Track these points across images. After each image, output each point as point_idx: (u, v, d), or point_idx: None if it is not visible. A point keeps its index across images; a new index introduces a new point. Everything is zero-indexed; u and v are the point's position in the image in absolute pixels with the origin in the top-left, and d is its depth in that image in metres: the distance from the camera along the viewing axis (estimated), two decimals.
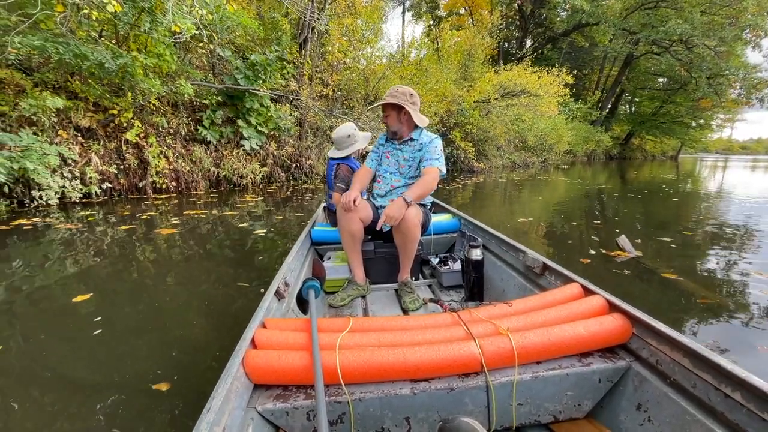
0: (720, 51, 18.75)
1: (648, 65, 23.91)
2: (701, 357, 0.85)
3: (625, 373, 1.04)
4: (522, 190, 8.02)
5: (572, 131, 18.82)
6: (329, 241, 2.32)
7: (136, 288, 2.38)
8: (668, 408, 0.91)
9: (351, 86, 9.59)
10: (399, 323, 1.17)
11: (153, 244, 3.39)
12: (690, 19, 17.53)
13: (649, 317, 1.02)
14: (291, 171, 8.13)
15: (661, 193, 7.43)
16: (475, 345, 1.00)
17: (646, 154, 30.69)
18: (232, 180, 7.05)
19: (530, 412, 1.01)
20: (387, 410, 0.95)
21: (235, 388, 0.85)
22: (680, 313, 2.07)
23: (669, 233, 3.89)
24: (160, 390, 1.37)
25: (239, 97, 7.11)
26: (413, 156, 1.97)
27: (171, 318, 1.98)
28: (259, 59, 6.85)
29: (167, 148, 6.27)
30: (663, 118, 26.07)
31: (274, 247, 3.35)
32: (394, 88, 1.92)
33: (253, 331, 1.03)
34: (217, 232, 3.86)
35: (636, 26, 19.84)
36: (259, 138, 7.43)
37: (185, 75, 6.28)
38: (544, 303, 1.23)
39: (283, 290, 1.37)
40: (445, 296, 1.97)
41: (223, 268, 2.75)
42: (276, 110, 7.52)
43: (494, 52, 21.80)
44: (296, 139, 8.22)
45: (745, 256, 3.10)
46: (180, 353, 1.62)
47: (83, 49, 4.49)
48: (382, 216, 1.64)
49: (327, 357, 0.95)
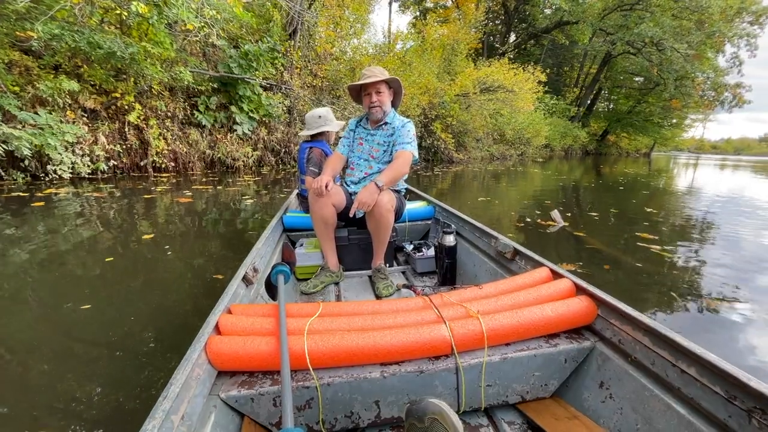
0: (688, 54, 20.28)
1: (625, 64, 25.39)
2: (660, 335, 0.89)
3: (590, 352, 1.08)
4: (498, 180, 9.03)
5: (550, 126, 20.04)
6: (302, 228, 2.34)
7: (183, 230, 3.17)
8: (628, 385, 0.96)
9: (338, 77, 10.31)
10: (370, 308, 1.19)
11: (179, 206, 4.14)
12: (661, 23, 18.95)
13: (613, 299, 1.07)
14: (280, 156, 8.85)
15: (621, 186, 8.58)
16: (445, 328, 1.02)
17: (621, 151, 32.59)
18: (226, 162, 7.73)
19: (498, 393, 1.05)
20: (356, 394, 0.96)
21: (196, 375, 0.85)
22: (572, 251, 3.05)
23: (598, 212, 4.93)
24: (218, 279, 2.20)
25: (232, 84, 7.75)
26: (386, 140, 1.96)
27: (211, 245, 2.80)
28: (252, 49, 7.50)
29: (166, 131, 6.90)
30: (637, 116, 27.79)
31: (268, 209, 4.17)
32: (369, 70, 1.89)
33: (218, 317, 1.03)
34: (230, 199, 4.63)
35: (613, 27, 21.16)
36: (251, 123, 8.11)
37: (183, 62, 6.88)
38: (514, 286, 1.27)
39: (252, 276, 1.37)
40: (418, 282, 2.03)
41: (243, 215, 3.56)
42: (267, 98, 8.19)
43: (479, 45, 22.77)
44: (286, 125, 8.92)
45: (639, 227, 4.14)
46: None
47: (97, 38, 5.09)
48: (354, 202, 1.64)
49: (295, 342, 0.95)
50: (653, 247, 3.26)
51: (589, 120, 28.07)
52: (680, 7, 19.06)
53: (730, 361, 0.78)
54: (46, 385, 1.35)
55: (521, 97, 12.78)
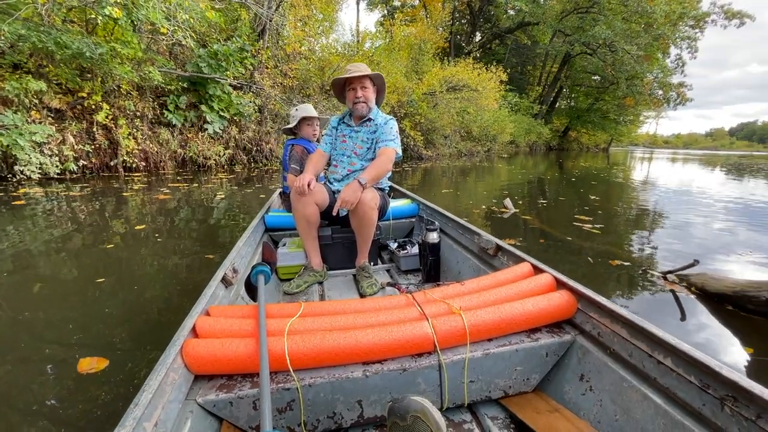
0: (638, 55, 21.98)
1: (583, 64, 27.05)
2: (637, 327, 0.91)
3: (571, 346, 1.10)
4: (466, 175, 9.66)
5: (515, 123, 21.15)
6: (285, 227, 2.34)
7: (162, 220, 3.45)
8: (607, 377, 0.98)
9: (308, 76, 10.60)
10: (352, 306, 1.19)
11: (159, 201, 4.37)
12: (613, 26, 20.46)
13: (592, 292, 1.09)
14: (252, 154, 9.05)
15: (574, 178, 9.44)
16: (428, 325, 1.02)
17: (581, 146, 34.64)
18: (198, 161, 7.87)
19: (481, 389, 1.06)
20: (338, 394, 0.96)
21: (171, 380, 0.84)
22: (517, 231, 3.61)
23: (548, 200, 5.59)
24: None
25: (202, 83, 7.89)
26: (370, 137, 1.97)
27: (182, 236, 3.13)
28: (222, 49, 7.68)
29: (135, 130, 6.98)
30: (595, 113, 29.70)
31: (245, 203, 4.50)
32: (354, 65, 1.90)
33: (194, 320, 1.02)
34: (210, 195, 4.89)
35: (570, 29, 22.57)
36: (222, 122, 8.27)
37: (151, 62, 6.98)
38: (496, 282, 1.29)
39: (231, 277, 1.36)
40: (403, 280, 2.04)
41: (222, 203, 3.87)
42: (237, 97, 8.38)
43: (446, 44, 23.61)
44: (257, 124, 9.13)
45: (580, 211, 4.81)
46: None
47: (65, 38, 5.17)
48: (337, 200, 1.65)
49: (275, 343, 0.94)
50: (585, 225, 3.90)
51: (551, 117, 29.70)
52: (629, 11, 20.63)
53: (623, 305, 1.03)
54: (5, 393, 1.31)
55: (485, 95, 13.58)
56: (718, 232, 3.78)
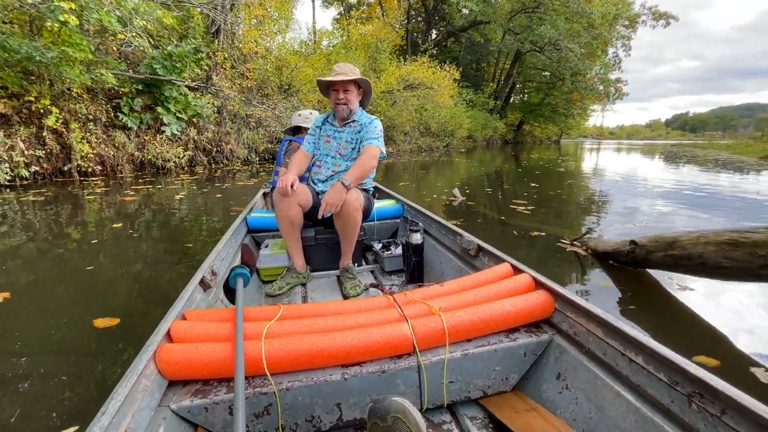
0: (581, 53, 23.79)
1: (533, 61, 28.78)
2: (611, 326, 0.95)
3: (548, 345, 1.14)
4: (427, 170, 10.28)
5: (471, 119, 22.23)
6: (268, 228, 2.33)
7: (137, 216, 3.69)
8: (583, 375, 1.02)
9: (265, 76, 10.76)
10: (332, 308, 1.20)
11: (125, 204, 4.53)
12: (557, 26, 22.06)
13: (569, 292, 1.12)
14: (212, 155, 9.13)
15: (520, 169, 10.35)
16: (407, 326, 1.04)
17: (535, 139, 36.82)
18: (157, 163, 7.88)
19: (461, 389, 1.08)
20: (317, 398, 0.96)
21: (143, 386, 0.83)
22: (461, 214, 4.19)
23: (492, 188, 6.30)
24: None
25: (157, 85, 7.89)
26: (354, 138, 1.99)
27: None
28: (177, 50, 7.73)
29: (89, 134, 6.91)
30: (546, 108, 31.72)
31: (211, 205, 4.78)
32: (339, 66, 1.92)
33: (169, 324, 1.01)
34: (170, 197, 5.08)
35: (519, 27, 23.99)
36: (179, 124, 8.31)
37: (103, 64, 6.93)
38: (476, 282, 1.31)
39: (210, 279, 1.36)
40: (386, 281, 2.06)
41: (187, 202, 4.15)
42: (194, 98, 8.44)
43: (403, 42, 24.26)
44: (216, 125, 9.21)
45: (519, 196, 5.52)
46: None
47: (11, 42, 5.13)
48: (322, 203, 1.65)
49: (252, 347, 0.94)
50: (519, 207, 4.58)
51: (506, 112, 31.34)
52: (571, 11, 22.29)
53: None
54: None
55: (441, 93, 14.33)
56: (624, 208, 4.60)
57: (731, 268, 1.88)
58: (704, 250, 1.98)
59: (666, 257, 2.18)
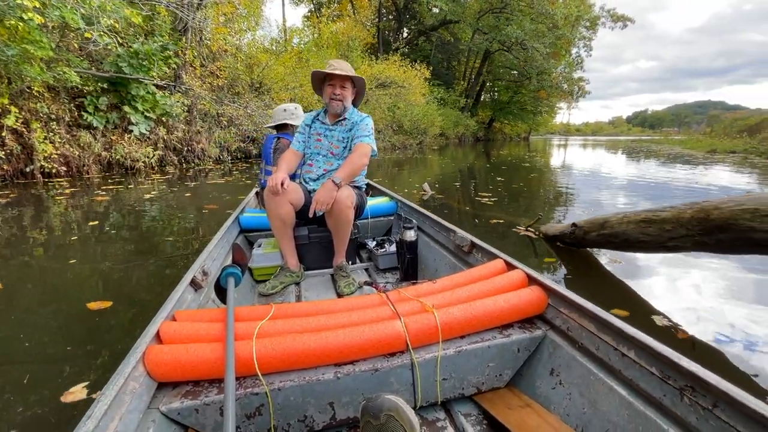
0: (547, 53, 24.84)
1: (502, 60, 29.77)
2: (603, 321, 0.96)
3: (542, 341, 1.15)
4: (401, 167, 10.58)
5: (443, 116, 22.79)
6: (260, 228, 2.32)
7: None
8: (576, 370, 1.02)
9: (236, 74, 10.72)
10: (325, 307, 1.20)
11: (93, 205, 4.54)
12: (522, 26, 22.97)
13: (562, 288, 1.14)
14: (183, 154, 9.05)
15: (488, 165, 10.84)
16: (400, 324, 1.04)
17: (505, 136, 38.08)
18: (125, 164, 7.75)
19: (454, 386, 1.09)
20: (309, 397, 0.96)
21: (131, 388, 0.83)
22: (431, 207, 4.50)
23: (461, 182, 6.67)
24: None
25: (123, 83, 7.76)
26: (346, 136, 1.98)
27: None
28: (144, 48, 7.63)
29: (52, 134, 6.74)
30: (515, 105, 32.90)
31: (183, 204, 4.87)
32: (336, 62, 1.91)
33: (158, 325, 1.01)
34: (139, 198, 5.11)
35: (487, 27, 24.77)
36: (148, 123, 8.20)
37: (66, 62, 6.77)
38: (470, 279, 1.32)
39: (201, 280, 1.35)
40: (381, 278, 2.06)
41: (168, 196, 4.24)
42: (163, 96, 8.34)
43: (374, 40, 24.51)
44: (186, 124, 9.13)
45: (484, 189, 5.91)
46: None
47: None
48: (312, 202, 1.65)
49: (242, 347, 0.94)
50: (484, 199, 4.94)
51: (477, 109, 32.23)
52: (536, 12, 23.26)
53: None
54: None
55: (412, 91, 14.69)
56: (579, 198, 5.07)
57: (647, 242, 2.26)
58: (627, 228, 2.35)
59: (599, 236, 2.56)
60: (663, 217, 2.17)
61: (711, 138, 19.87)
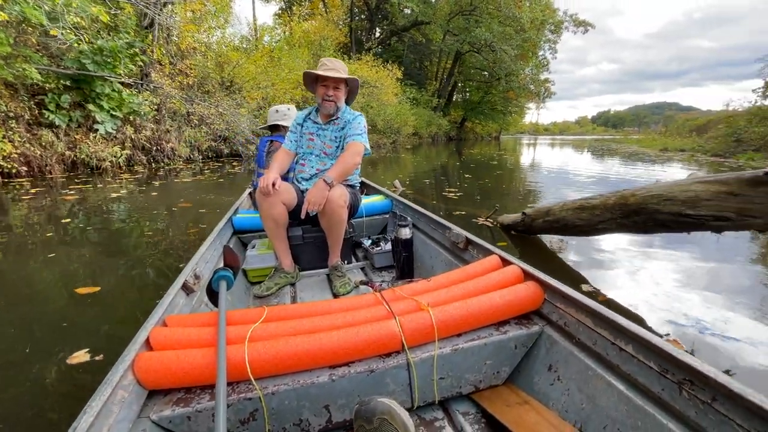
0: (515, 55, 25.75)
1: (473, 61, 30.57)
2: (601, 316, 0.95)
3: (539, 337, 1.14)
4: (375, 166, 10.80)
5: (416, 116, 23.21)
6: (254, 229, 2.29)
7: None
8: (574, 366, 1.02)
9: (206, 72, 10.62)
10: (319, 308, 1.19)
11: (57, 207, 4.51)
12: (491, 28, 23.75)
13: (558, 283, 1.13)
14: (152, 154, 8.92)
15: (458, 162, 11.27)
16: (395, 323, 1.03)
17: (477, 136, 39.13)
18: (91, 163, 7.58)
19: (452, 385, 1.08)
20: (304, 401, 0.95)
21: (119, 397, 0.81)
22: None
23: (431, 179, 7.00)
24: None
25: (87, 81, 7.58)
26: (338, 135, 1.97)
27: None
28: (109, 45, 7.49)
29: (11, 132, 6.53)
30: (485, 105, 33.88)
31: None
32: (330, 61, 1.89)
33: (148, 331, 0.98)
34: (105, 198, 5.09)
35: (458, 29, 25.41)
36: (114, 122, 8.04)
37: (24, 58, 6.57)
38: (465, 276, 1.31)
39: (193, 283, 1.33)
40: (377, 277, 2.05)
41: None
42: (130, 95, 8.20)
43: (347, 39, 24.61)
44: (155, 123, 9.00)
45: (451, 185, 6.25)
46: None
47: None
48: (305, 203, 1.64)
49: (235, 351, 0.93)
50: (450, 194, 5.28)
51: (449, 109, 32.97)
52: (503, 16, 24.10)
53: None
54: None
55: (384, 91, 14.97)
56: (537, 191, 5.49)
57: (582, 226, 2.62)
58: (566, 215, 2.70)
59: (544, 223, 2.90)
60: (593, 204, 2.53)
61: (665, 137, 21.33)
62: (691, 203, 1.95)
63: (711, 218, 1.89)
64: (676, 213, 2.02)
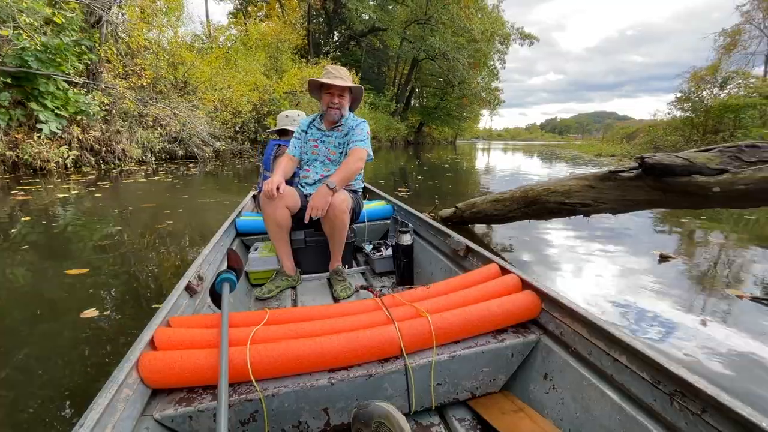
0: (468, 63, 27.18)
1: (429, 68, 31.79)
2: (596, 326, 0.97)
3: (535, 346, 1.16)
4: None
5: (374, 120, 23.81)
6: (257, 231, 2.32)
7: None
8: (569, 375, 1.04)
9: (159, 72, 10.49)
10: (320, 312, 1.22)
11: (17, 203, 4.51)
12: (444, 38, 24.97)
13: (556, 293, 1.14)
14: (101, 155, 8.72)
15: (412, 165, 11.96)
16: (394, 329, 1.05)
17: (434, 140, 40.67)
18: (34, 165, 7.33)
19: (448, 391, 1.10)
20: (303, 403, 0.97)
21: (124, 395, 0.83)
22: None
23: (386, 180, 7.55)
24: None
25: (28, 79, 7.34)
26: (342, 141, 2.00)
27: None
28: (54, 43, 7.32)
29: None
30: (441, 111, 35.33)
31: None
32: (334, 69, 1.92)
33: (153, 331, 1.01)
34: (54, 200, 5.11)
35: (414, 37, 26.41)
36: (59, 122, 7.81)
37: None
38: (464, 283, 1.34)
39: (196, 285, 1.35)
40: (377, 282, 2.08)
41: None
42: (76, 94, 8.01)
43: (304, 42, 24.73)
44: (104, 123, 8.81)
45: (401, 185, 6.85)
46: None
47: None
48: (308, 208, 1.67)
49: (236, 353, 0.95)
50: (401, 192, 5.85)
51: (407, 114, 34.01)
52: (456, 26, 25.43)
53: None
54: None
55: None
56: (478, 189, 6.20)
57: (498, 215, 3.24)
58: (486, 207, 3.33)
59: (471, 214, 3.51)
60: (504, 197, 3.17)
61: (601, 143, 23.62)
62: (567, 194, 2.61)
63: (579, 205, 2.56)
64: (559, 202, 2.68)
